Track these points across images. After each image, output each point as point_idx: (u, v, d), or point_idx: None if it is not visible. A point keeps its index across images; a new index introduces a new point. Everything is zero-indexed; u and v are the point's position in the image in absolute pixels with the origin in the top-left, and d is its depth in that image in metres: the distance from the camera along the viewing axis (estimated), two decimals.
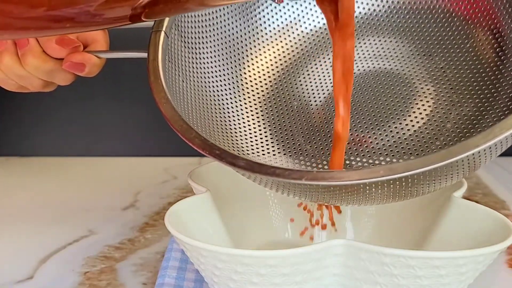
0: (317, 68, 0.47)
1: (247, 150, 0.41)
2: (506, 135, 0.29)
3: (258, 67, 0.47)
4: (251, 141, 0.42)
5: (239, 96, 0.45)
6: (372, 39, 0.46)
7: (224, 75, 0.45)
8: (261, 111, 0.45)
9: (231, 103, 0.44)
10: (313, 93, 0.45)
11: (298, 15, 0.48)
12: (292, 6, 0.47)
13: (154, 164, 0.73)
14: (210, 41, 0.44)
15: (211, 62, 0.44)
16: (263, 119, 0.45)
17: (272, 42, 0.47)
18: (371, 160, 0.38)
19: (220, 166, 0.45)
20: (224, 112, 0.43)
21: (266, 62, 0.47)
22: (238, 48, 0.46)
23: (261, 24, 0.47)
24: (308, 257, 0.30)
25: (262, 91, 0.46)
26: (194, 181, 0.41)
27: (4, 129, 0.77)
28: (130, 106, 0.76)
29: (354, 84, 0.44)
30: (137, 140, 0.78)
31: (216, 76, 0.44)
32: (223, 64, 0.45)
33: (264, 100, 0.46)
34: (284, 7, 0.47)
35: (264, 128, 0.44)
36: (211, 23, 0.45)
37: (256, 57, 0.47)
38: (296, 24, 0.48)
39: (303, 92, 0.46)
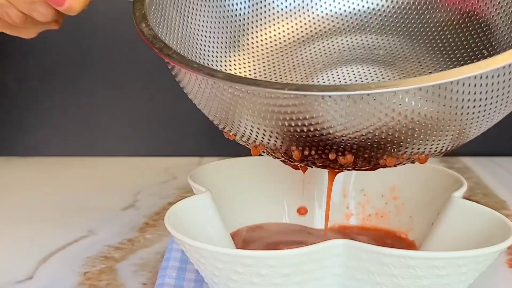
0: (314, 53, 0.46)
1: None
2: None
3: (252, 43, 0.45)
4: None
5: (226, 64, 0.44)
6: (370, 37, 0.45)
7: (213, 45, 0.43)
8: None
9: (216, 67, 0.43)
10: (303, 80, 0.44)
11: None
12: None
13: (154, 164, 0.73)
14: (204, 14, 0.43)
15: (201, 31, 0.43)
16: None
17: (274, 20, 0.46)
18: None
19: (220, 166, 0.45)
20: None
21: (262, 40, 0.45)
22: (235, 26, 0.44)
23: (268, 5, 0.46)
24: (308, 257, 0.30)
25: (252, 66, 0.45)
26: (194, 181, 0.41)
27: (4, 129, 0.77)
28: (130, 105, 0.76)
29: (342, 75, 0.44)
30: (137, 140, 0.78)
31: (204, 44, 0.43)
32: (215, 36, 0.43)
33: (252, 73, 0.45)
34: None
35: None
36: None
37: (252, 32, 0.45)
38: (304, 8, 0.47)
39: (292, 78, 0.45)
